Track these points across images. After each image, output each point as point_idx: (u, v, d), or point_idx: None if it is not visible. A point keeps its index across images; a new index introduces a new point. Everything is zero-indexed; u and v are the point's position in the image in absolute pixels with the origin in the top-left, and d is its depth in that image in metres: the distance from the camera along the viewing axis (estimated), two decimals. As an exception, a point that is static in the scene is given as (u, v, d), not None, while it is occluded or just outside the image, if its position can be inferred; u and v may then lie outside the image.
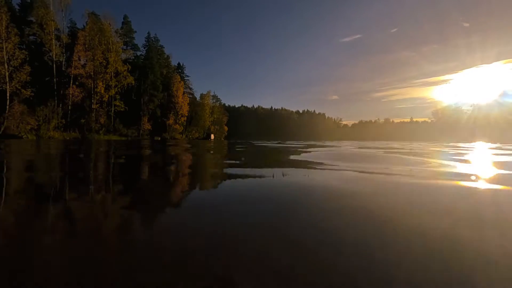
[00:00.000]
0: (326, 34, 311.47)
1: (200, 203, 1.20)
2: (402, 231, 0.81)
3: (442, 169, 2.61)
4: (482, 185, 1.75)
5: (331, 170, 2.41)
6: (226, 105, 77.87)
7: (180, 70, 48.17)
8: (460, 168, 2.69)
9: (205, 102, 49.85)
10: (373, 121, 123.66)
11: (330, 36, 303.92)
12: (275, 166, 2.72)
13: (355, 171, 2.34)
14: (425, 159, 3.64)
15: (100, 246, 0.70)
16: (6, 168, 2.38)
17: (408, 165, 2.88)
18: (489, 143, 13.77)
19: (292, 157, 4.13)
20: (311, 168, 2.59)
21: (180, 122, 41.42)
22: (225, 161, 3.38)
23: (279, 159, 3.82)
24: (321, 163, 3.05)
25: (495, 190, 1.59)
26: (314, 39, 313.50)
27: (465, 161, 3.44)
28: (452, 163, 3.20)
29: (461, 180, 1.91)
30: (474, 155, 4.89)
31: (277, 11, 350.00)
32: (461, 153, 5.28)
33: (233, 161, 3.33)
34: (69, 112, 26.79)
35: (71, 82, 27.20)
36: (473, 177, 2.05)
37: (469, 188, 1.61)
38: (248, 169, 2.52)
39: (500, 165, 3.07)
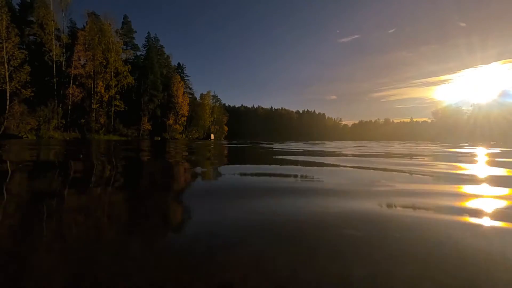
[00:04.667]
0: (324, 34, 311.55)
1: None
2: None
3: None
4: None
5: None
6: (226, 105, 78.02)
7: (180, 70, 48.20)
8: None
9: (205, 102, 49.87)
10: (373, 121, 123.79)
11: (328, 36, 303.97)
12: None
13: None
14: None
15: None
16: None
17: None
18: (494, 148, 12.28)
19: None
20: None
21: (180, 122, 41.44)
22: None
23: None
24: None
25: None
26: (312, 40, 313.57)
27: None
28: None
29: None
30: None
31: (276, 13, 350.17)
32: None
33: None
34: (69, 112, 26.81)
35: (71, 82, 27.22)
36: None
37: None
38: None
39: None
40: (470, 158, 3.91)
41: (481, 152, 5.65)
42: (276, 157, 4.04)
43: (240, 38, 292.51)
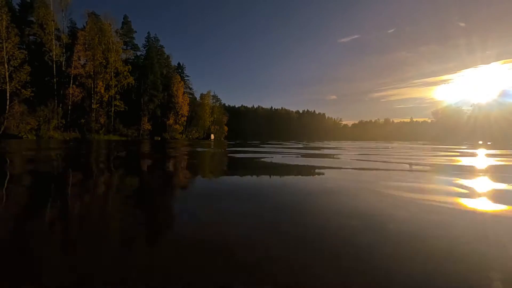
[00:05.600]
0: (324, 34, 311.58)
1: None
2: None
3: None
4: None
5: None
6: (226, 105, 77.91)
7: (180, 70, 48.17)
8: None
9: (205, 102, 49.84)
10: (373, 121, 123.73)
11: (328, 36, 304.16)
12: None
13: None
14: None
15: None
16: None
17: None
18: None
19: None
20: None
21: (180, 122, 41.41)
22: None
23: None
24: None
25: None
26: (312, 40, 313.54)
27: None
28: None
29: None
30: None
31: (275, 14, 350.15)
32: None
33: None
34: (69, 112, 26.79)
35: (71, 82, 27.20)
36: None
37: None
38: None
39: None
40: None
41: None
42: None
43: (240, 40, 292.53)
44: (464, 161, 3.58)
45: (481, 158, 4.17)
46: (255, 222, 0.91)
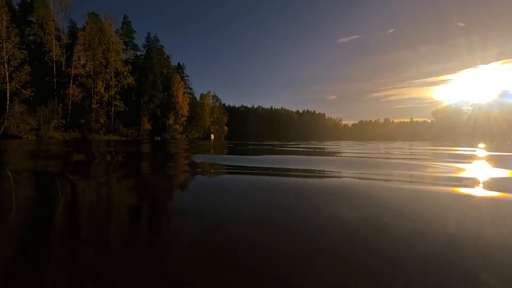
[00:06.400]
0: (324, 34, 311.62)
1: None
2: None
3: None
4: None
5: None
6: (226, 105, 77.89)
7: (180, 70, 48.13)
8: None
9: (205, 102, 49.79)
10: (373, 121, 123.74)
11: (328, 36, 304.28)
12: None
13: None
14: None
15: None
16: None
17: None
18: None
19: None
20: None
21: (180, 122, 41.38)
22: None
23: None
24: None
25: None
26: (312, 40, 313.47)
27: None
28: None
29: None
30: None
31: (275, 14, 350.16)
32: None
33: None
34: (69, 112, 26.77)
35: (71, 82, 27.17)
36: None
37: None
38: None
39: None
40: None
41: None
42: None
43: (240, 40, 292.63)
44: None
45: None
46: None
